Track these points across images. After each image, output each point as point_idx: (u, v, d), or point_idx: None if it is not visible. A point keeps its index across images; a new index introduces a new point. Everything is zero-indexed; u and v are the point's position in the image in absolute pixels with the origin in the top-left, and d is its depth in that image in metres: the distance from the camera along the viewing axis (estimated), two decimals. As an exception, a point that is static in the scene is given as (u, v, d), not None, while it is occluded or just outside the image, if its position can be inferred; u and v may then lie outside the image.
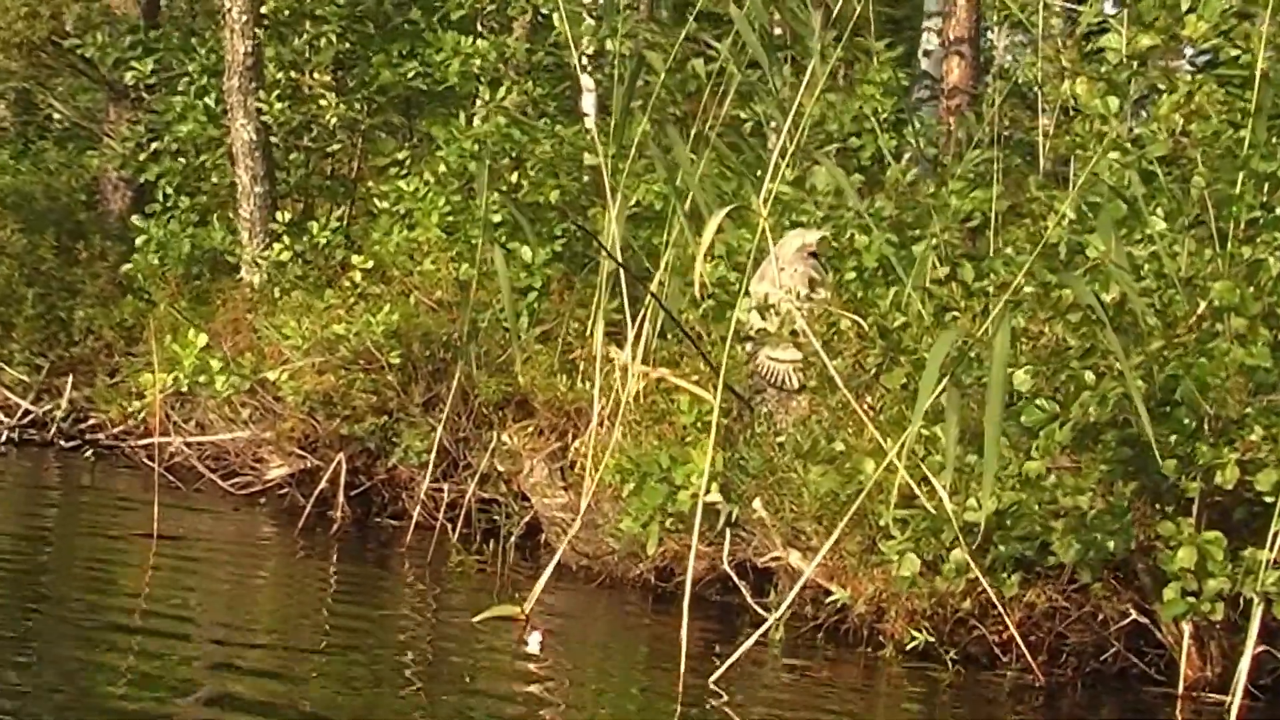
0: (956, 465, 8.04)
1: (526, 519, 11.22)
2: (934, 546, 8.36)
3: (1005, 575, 8.15)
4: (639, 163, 13.06)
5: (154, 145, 15.66)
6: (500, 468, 11.36)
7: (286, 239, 13.81)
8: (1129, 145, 7.72)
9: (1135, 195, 7.62)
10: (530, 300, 12.77)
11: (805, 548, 9.13)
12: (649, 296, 10.73)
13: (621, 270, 9.94)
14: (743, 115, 13.24)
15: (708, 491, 8.95)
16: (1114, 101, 7.84)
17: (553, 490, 10.90)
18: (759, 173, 12.28)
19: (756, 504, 9.24)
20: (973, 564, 8.06)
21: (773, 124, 12.50)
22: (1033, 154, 11.99)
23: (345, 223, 14.23)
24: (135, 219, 15.21)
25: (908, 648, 8.40)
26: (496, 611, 8.93)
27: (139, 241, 14.92)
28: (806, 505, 8.86)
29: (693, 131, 11.61)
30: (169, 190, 15.50)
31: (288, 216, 14.04)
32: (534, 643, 8.34)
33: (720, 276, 11.18)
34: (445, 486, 11.48)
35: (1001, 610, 8.17)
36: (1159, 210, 7.76)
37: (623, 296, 10.05)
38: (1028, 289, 7.69)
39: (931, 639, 8.34)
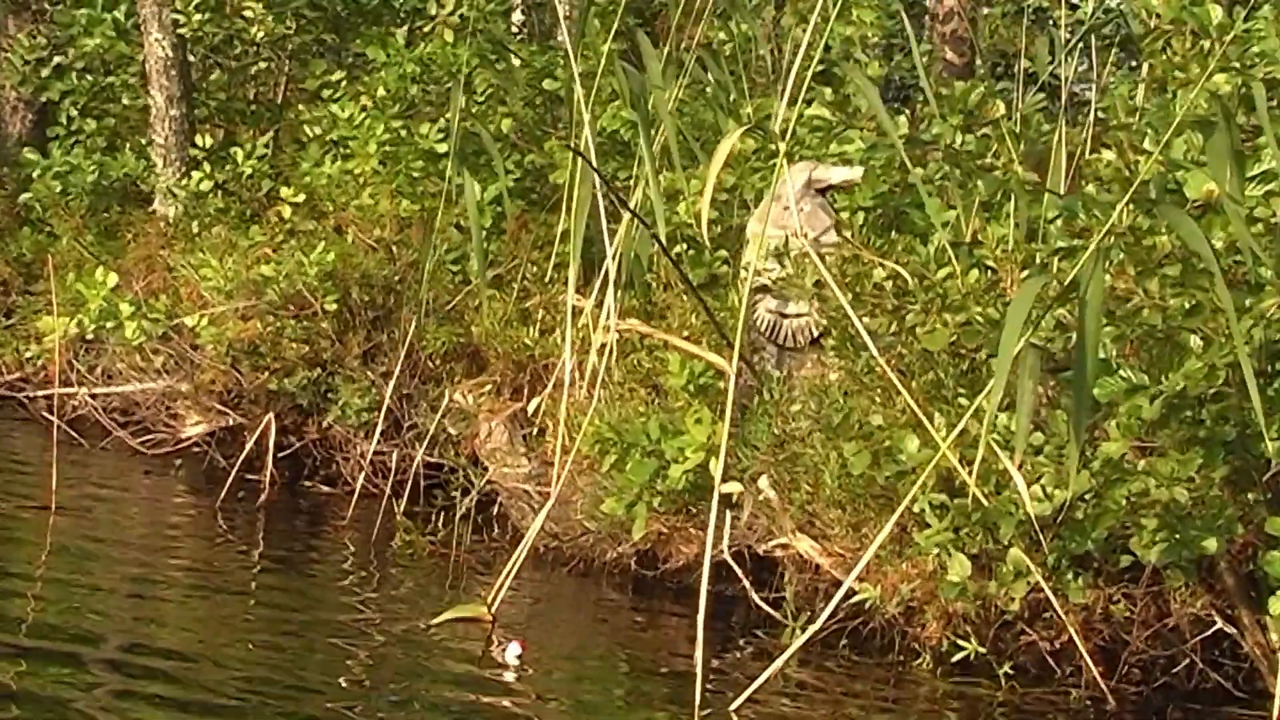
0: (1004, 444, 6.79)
1: (480, 487, 9.78)
2: (979, 540, 7.07)
3: (1070, 577, 6.86)
4: (603, 87, 11.78)
5: (56, 61, 14.07)
6: (452, 430, 9.96)
7: (207, 166, 12.30)
8: (1238, 64, 6.39)
9: (1260, 122, 6.29)
10: (480, 240, 11.35)
11: (819, 535, 7.83)
12: (615, 239, 9.35)
13: (600, 197, 8.46)
14: (722, 36, 11.89)
15: (711, 473, 7.64)
16: (1214, 10, 6.51)
17: (514, 458, 9.51)
18: (733, 100, 10.95)
19: (763, 483, 7.91)
20: (1032, 565, 6.78)
21: (756, 47, 11.17)
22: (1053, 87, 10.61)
23: (272, 150, 12.69)
24: (27, 152, 13.57)
25: (953, 659, 7.08)
26: (458, 612, 7.54)
27: (37, 170, 13.33)
28: (827, 487, 7.53)
29: (664, 52, 10.19)
30: (73, 112, 13.96)
31: (208, 142, 12.52)
32: (512, 654, 6.96)
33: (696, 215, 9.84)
34: (394, 452, 10.04)
35: (1061, 617, 6.88)
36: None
37: (603, 235, 8.62)
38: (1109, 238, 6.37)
39: (982, 650, 7.02)
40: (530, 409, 9.73)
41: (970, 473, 6.56)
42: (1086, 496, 6.68)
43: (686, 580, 8.54)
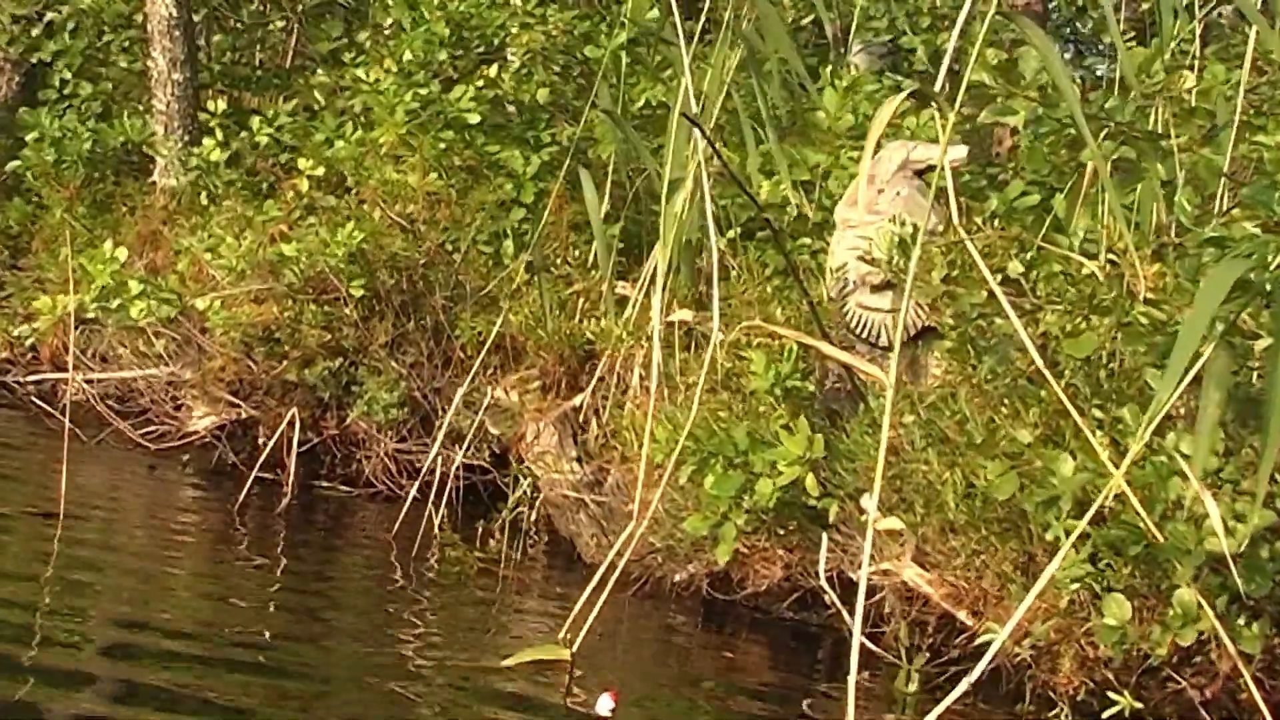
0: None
1: (525, 494, 8.84)
2: (1124, 575, 6.18)
3: (1243, 622, 5.97)
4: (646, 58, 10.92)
5: (49, 19, 13.08)
6: (494, 430, 9.03)
7: (220, 133, 11.31)
8: None
9: None
10: (515, 218, 10.45)
11: (928, 562, 6.93)
12: (694, 222, 8.48)
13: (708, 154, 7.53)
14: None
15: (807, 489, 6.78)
16: None
17: (565, 463, 8.58)
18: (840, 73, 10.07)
19: (866, 502, 7.00)
20: (1206, 607, 5.89)
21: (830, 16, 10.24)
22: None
23: (292, 118, 11.69)
24: (24, 111, 12.56)
25: (1104, 716, 6.16)
26: (535, 654, 6.59)
27: (30, 136, 12.31)
28: (948, 509, 6.62)
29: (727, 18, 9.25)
30: (67, 74, 12.96)
31: (220, 107, 11.52)
32: (605, 707, 6.02)
33: (783, 198, 8.98)
34: (440, 454, 9.05)
35: (1241, 667, 5.97)
36: None
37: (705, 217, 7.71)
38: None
39: (1139, 705, 6.10)
40: (575, 402, 8.91)
41: (1139, 501, 5.68)
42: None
43: (766, 607, 7.67)
